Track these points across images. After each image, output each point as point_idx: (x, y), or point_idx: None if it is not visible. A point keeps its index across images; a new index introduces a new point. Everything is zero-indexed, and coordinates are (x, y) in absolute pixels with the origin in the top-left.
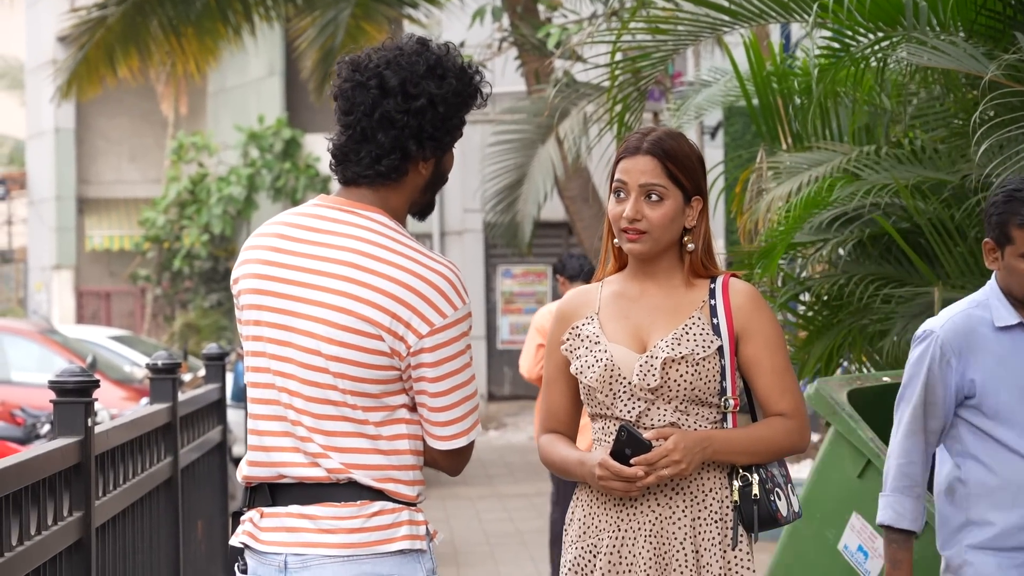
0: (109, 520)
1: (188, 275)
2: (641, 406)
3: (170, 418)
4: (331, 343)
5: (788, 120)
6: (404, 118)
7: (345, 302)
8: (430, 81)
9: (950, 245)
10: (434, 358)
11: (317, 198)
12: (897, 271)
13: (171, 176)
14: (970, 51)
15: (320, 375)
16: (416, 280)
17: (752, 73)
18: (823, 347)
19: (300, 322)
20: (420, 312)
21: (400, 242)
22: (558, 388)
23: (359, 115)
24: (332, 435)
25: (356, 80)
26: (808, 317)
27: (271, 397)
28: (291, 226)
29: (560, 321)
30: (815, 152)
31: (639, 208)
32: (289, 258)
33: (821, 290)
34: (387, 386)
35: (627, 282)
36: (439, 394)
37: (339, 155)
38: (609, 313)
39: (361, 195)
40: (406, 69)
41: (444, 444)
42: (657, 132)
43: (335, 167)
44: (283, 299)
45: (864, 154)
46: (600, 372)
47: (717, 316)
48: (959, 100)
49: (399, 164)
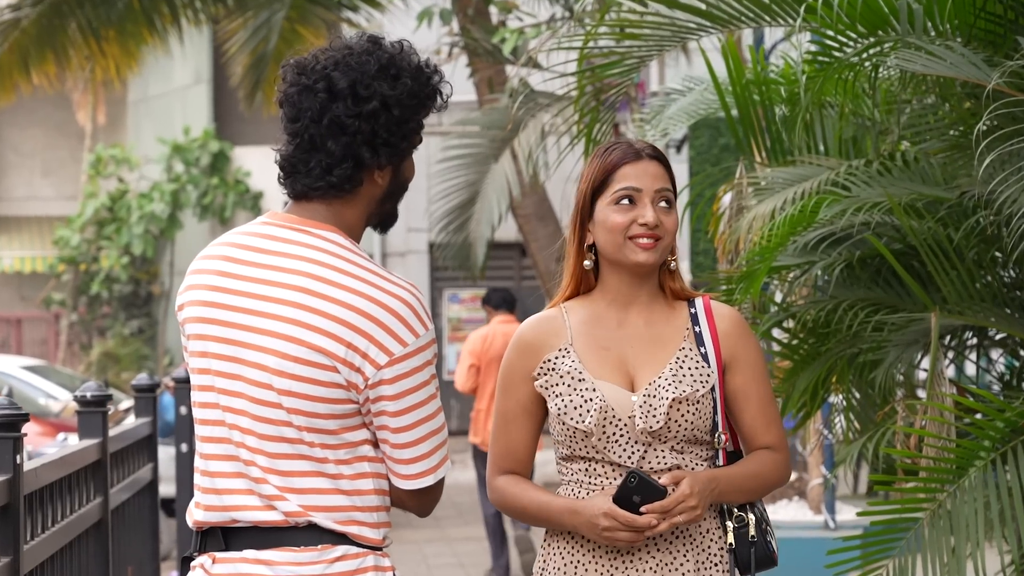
0: (37, 566)
1: (106, 300)
2: (641, 449)
3: (100, 455)
4: (283, 376)
5: (771, 132)
6: (355, 123)
7: (297, 331)
8: (382, 82)
9: (947, 267)
10: (395, 390)
11: (266, 215)
12: (890, 296)
13: (88, 192)
14: (969, 57)
15: (273, 411)
16: (373, 306)
17: (731, 82)
18: (808, 379)
19: (249, 353)
20: (378, 341)
21: (356, 264)
22: (521, 426)
23: (306, 122)
24: (289, 475)
25: (302, 84)
26: (792, 346)
27: (221, 435)
28: (238, 247)
29: (524, 352)
30: (800, 167)
31: (658, 215)
32: (237, 283)
33: (806, 316)
34: (345, 421)
35: (600, 308)
36: (402, 429)
37: (287, 166)
38: (585, 345)
39: (313, 211)
40: (356, 70)
41: (409, 483)
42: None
43: (283, 180)
44: (231, 328)
45: (853, 168)
46: (596, 415)
47: (704, 345)
48: (956, 110)
49: (352, 174)
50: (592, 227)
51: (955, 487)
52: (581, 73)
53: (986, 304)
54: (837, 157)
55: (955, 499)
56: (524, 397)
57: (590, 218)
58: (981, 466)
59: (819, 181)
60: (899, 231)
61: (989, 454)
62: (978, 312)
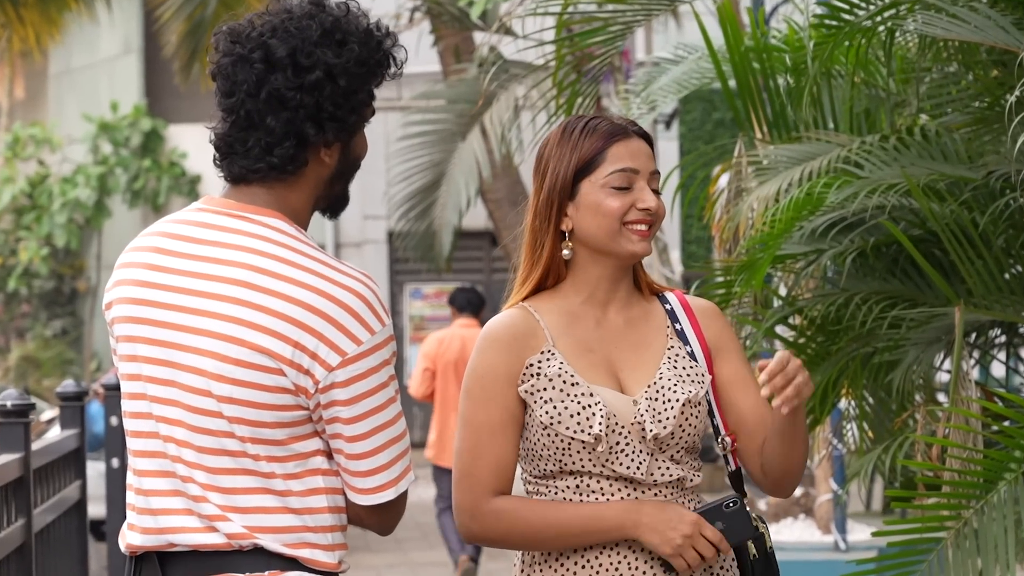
0: None
1: (26, 297)
2: (647, 460)
3: (22, 472)
4: (223, 381)
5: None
6: (297, 96)
7: (238, 330)
8: (326, 49)
9: (972, 256)
10: (349, 394)
11: (201, 201)
12: (908, 288)
13: (4, 177)
14: (996, 19)
15: (213, 420)
16: (322, 300)
17: (728, 49)
18: (817, 381)
19: (186, 356)
20: (328, 339)
21: (302, 253)
22: (507, 439)
23: (242, 96)
24: (232, 492)
25: (237, 53)
26: (798, 345)
27: (155, 448)
28: (171, 237)
29: (506, 351)
30: (806, 144)
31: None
32: (169, 277)
33: (814, 312)
34: (294, 430)
35: (574, 305)
36: (358, 438)
37: (223, 147)
38: (569, 346)
39: (253, 195)
40: (296, 36)
41: (367, 498)
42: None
43: (219, 161)
44: (163, 328)
45: (866, 145)
46: (601, 423)
47: (689, 342)
48: (981, 79)
49: (295, 153)
50: (574, 210)
51: (982, 503)
52: (560, 41)
53: (1016, 297)
54: (848, 133)
55: (982, 516)
56: (512, 403)
57: (570, 200)
58: (1011, 479)
59: (828, 160)
60: (918, 215)
61: (1020, 466)
62: (1007, 306)
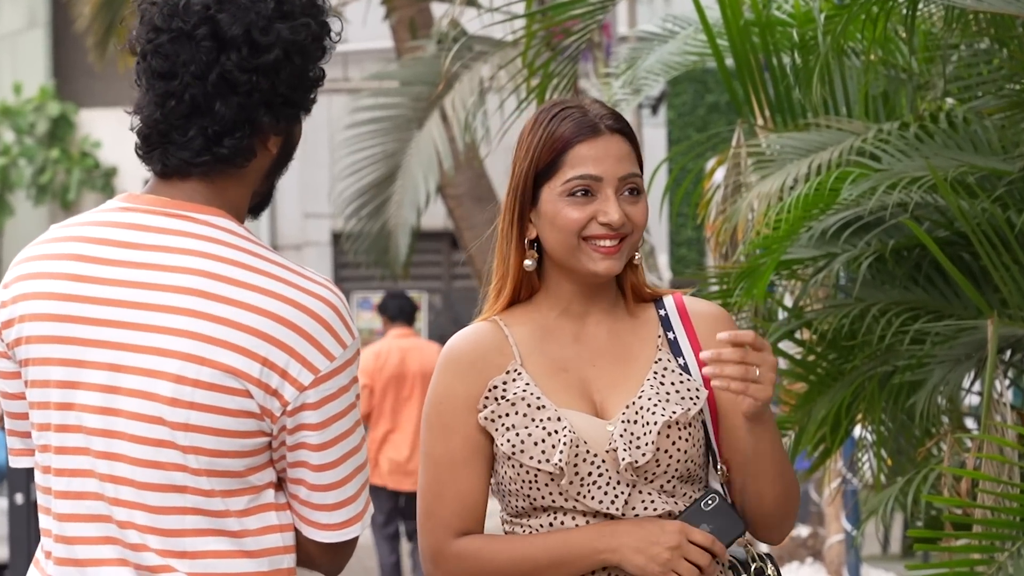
0: None
1: None
2: (625, 491)
3: None
4: (179, 406)
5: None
6: (252, 78)
7: (196, 347)
8: (282, 24)
9: (1008, 261)
10: (319, 417)
11: (121, 198)
12: (933, 298)
13: None
14: None
15: (162, 452)
16: (292, 311)
17: (725, 22)
18: (828, 406)
19: (131, 380)
20: (300, 355)
21: (262, 257)
22: (474, 471)
23: (187, 79)
24: (177, 535)
25: (177, 29)
26: (807, 363)
27: (89, 489)
28: (93, 242)
29: (466, 373)
30: (815, 132)
31: (624, 208)
32: (101, 289)
33: (825, 325)
34: (253, 459)
35: (549, 319)
36: (325, 466)
37: (155, 136)
38: (539, 365)
39: (191, 191)
40: (250, 9)
41: (329, 535)
42: (596, 102)
43: (146, 152)
44: (100, 348)
45: (884, 133)
46: (566, 451)
47: (683, 354)
48: (1017, 57)
49: (247, 143)
50: (536, 218)
51: (1019, 545)
52: (531, 15)
53: None
54: (863, 119)
55: (1019, 560)
56: (473, 431)
57: (532, 206)
58: None
59: (840, 150)
60: (945, 214)
61: None
62: None
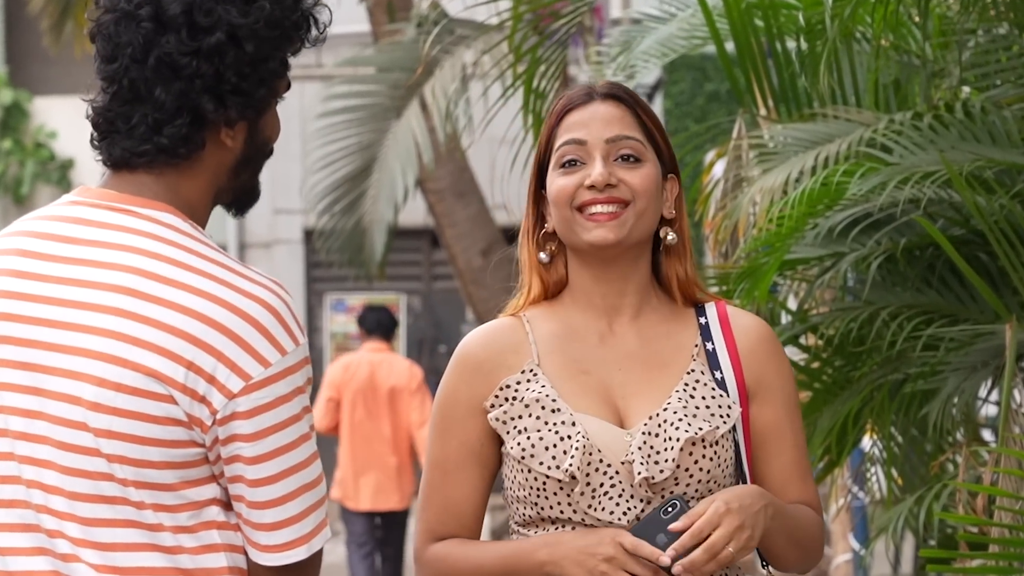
0: None
1: None
2: (639, 507)
3: None
4: (100, 411)
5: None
6: (192, 62)
7: (119, 348)
8: (230, 6)
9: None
10: (252, 428)
11: (75, 192)
12: (947, 301)
13: None
14: None
15: (88, 460)
16: (223, 311)
17: (726, 5)
18: (834, 416)
19: (55, 382)
20: (229, 359)
21: (200, 255)
22: (467, 477)
23: (126, 62)
24: (109, 549)
25: (120, 9)
26: (812, 371)
27: (16, 496)
28: (38, 237)
29: (473, 374)
30: (822, 122)
31: (611, 169)
32: (37, 286)
33: (832, 330)
34: (187, 472)
35: (575, 317)
36: (262, 482)
37: (102, 124)
38: (556, 366)
39: (139, 185)
40: None
41: (272, 557)
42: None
43: (98, 142)
44: (29, 348)
45: (896, 124)
46: (580, 459)
47: (720, 367)
48: None
49: (190, 133)
50: (547, 205)
51: None
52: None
53: None
54: (873, 109)
55: None
56: (472, 436)
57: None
58: None
59: (849, 142)
60: (960, 211)
61: None
62: None
